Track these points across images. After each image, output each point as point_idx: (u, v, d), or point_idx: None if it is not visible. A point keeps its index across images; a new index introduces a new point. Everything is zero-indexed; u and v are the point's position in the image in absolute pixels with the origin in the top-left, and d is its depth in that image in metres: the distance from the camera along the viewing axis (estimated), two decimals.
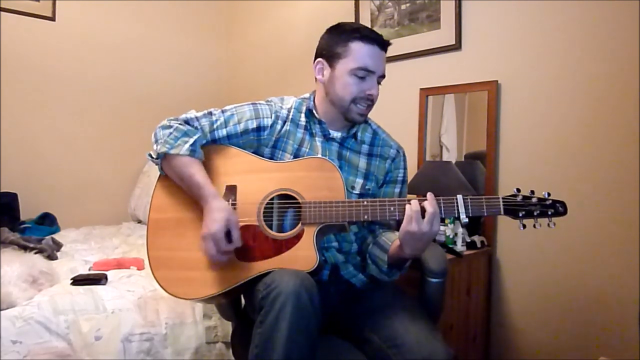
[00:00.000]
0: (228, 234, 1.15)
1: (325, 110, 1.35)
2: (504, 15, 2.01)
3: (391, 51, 2.39)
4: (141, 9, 3.23)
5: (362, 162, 1.36)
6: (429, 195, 1.12)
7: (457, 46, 2.15)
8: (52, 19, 2.85)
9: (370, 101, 1.30)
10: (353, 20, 2.50)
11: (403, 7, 2.37)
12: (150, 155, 1.29)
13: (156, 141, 1.27)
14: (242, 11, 3.51)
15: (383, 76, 1.30)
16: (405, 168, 1.42)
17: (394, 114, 2.34)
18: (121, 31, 3.14)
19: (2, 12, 2.67)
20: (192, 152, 1.24)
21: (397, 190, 1.40)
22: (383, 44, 1.29)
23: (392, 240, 1.26)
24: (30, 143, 2.80)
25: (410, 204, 1.11)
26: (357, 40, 1.26)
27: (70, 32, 2.92)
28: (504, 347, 2.03)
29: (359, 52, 1.26)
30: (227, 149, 1.31)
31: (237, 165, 1.29)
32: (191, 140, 1.24)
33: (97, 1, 3.02)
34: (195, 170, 1.22)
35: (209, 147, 1.31)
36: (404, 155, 1.43)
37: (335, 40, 1.29)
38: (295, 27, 3.02)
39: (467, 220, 1.12)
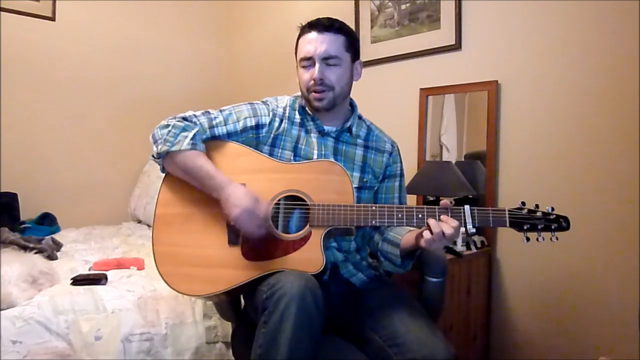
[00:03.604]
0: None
1: (309, 107, 1.37)
2: (504, 15, 2.00)
3: (391, 51, 2.44)
4: (141, 9, 3.22)
5: (358, 155, 1.38)
6: (445, 216, 1.13)
7: (457, 46, 2.15)
8: (52, 19, 2.85)
9: (320, 85, 1.29)
10: (353, 21, 2.50)
11: (403, 7, 2.36)
12: (153, 156, 1.29)
13: (155, 141, 1.26)
14: (242, 11, 3.51)
15: (331, 57, 1.29)
16: (401, 162, 1.47)
17: (394, 114, 2.34)
18: (121, 31, 3.13)
19: (2, 12, 2.67)
20: (194, 145, 1.23)
21: (397, 184, 1.44)
22: (320, 26, 1.31)
23: (401, 234, 1.28)
24: (30, 143, 2.80)
25: (429, 225, 1.12)
26: (300, 36, 1.36)
27: (70, 32, 2.92)
28: (504, 347, 2.03)
29: (300, 46, 1.35)
30: (237, 148, 1.31)
31: (246, 164, 1.29)
32: (190, 134, 1.24)
33: (97, 1, 3.02)
34: (202, 162, 1.22)
35: (218, 145, 1.31)
36: (398, 149, 1.47)
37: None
38: (295, 27, 3.01)
39: (474, 230, 1.14)
